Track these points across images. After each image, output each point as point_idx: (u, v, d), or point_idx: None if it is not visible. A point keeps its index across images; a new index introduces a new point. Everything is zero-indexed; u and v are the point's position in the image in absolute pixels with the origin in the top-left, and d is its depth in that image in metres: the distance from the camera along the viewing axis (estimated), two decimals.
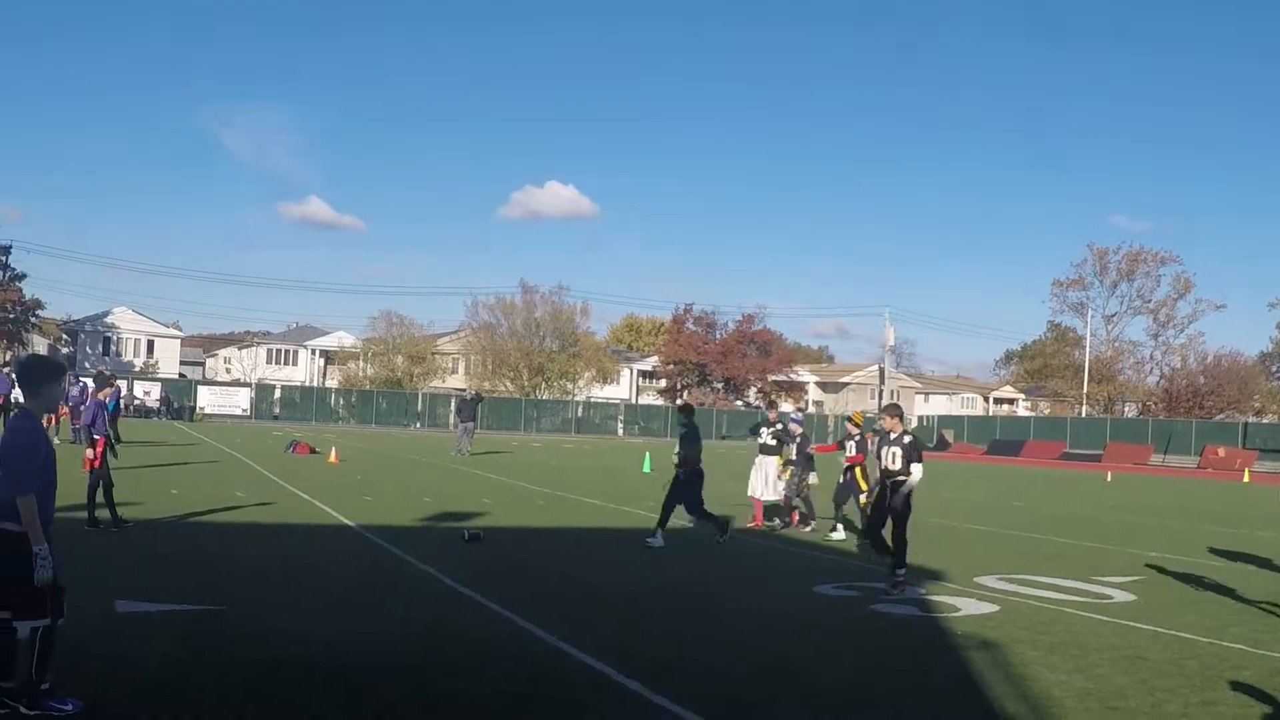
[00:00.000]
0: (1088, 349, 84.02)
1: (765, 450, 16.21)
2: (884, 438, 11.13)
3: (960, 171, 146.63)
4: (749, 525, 15.68)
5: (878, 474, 12.66)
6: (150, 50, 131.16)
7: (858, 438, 14.81)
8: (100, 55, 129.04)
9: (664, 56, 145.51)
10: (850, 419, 15.54)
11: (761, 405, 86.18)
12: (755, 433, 16.86)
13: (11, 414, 5.41)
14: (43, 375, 5.66)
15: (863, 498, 14.12)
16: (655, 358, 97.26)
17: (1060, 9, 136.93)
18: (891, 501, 10.66)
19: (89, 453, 12.42)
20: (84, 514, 12.11)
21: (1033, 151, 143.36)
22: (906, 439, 10.83)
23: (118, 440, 15.89)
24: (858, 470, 14.56)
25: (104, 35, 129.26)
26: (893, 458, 10.76)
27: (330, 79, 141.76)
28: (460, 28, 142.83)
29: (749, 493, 16.36)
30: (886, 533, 10.70)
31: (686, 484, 13.73)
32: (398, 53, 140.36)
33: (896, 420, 10.96)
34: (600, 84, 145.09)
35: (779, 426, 16.33)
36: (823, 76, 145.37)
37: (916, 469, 10.60)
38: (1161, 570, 12.95)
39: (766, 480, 16.02)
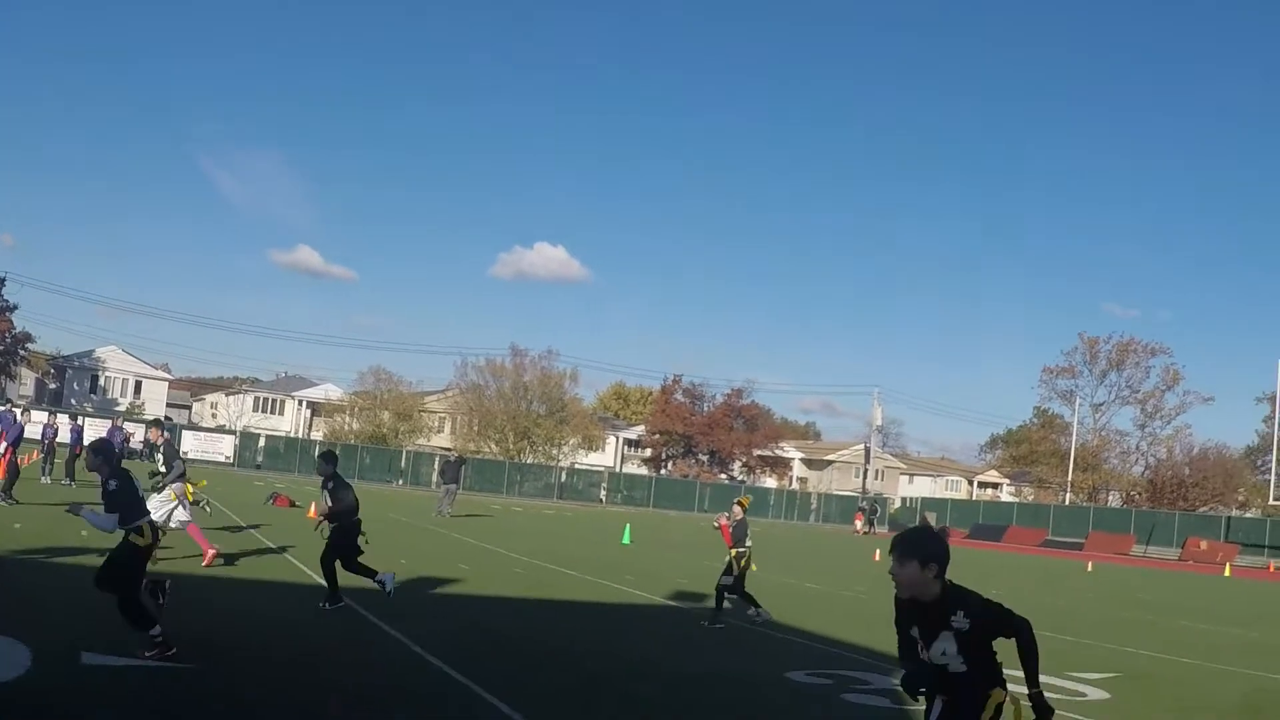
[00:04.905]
0: (1074, 437, 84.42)
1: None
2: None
3: (953, 253, 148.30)
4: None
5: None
6: (152, 90, 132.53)
7: (740, 518, 14.60)
8: (102, 89, 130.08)
9: (661, 126, 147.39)
10: (739, 502, 15.54)
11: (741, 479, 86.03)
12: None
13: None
14: None
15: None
16: (642, 427, 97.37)
17: (1055, 97, 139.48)
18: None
19: None
20: (40, 556, 12.41)
21: (1026, 236, 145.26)
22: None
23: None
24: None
25: (106, 71, 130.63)
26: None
27: (326, 129, 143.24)
28: (455, 88, 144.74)
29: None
30: None
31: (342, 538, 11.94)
32: (393, 106, 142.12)
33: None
34: (595, 149, 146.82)
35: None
36: (821, 155, 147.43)
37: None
38: (1137, 668, 12.96)
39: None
